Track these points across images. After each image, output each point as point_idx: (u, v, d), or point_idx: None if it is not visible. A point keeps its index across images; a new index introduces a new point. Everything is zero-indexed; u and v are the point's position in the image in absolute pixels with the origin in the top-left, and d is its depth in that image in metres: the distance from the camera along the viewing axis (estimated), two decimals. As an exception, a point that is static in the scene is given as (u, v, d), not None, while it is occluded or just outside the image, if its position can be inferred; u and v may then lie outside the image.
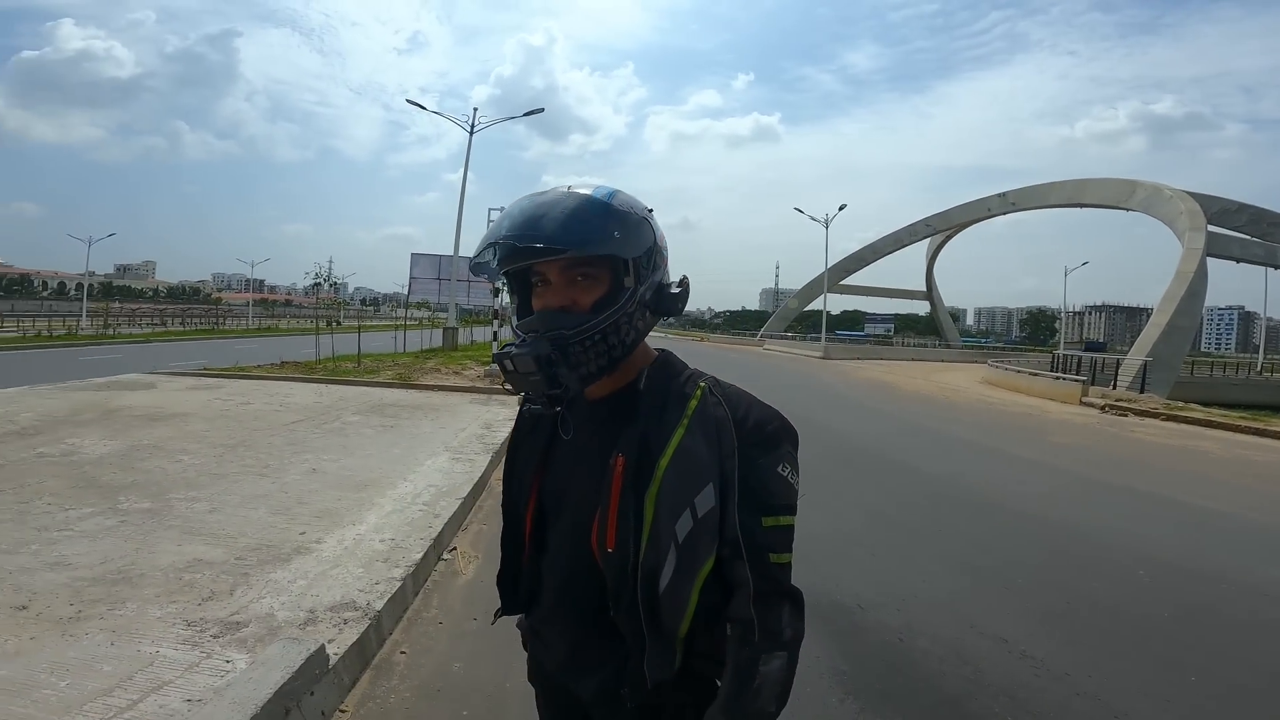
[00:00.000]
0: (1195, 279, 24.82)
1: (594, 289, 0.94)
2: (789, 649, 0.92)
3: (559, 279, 0.93)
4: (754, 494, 0.92)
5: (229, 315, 57.23)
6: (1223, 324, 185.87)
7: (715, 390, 0.95)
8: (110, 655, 2.52)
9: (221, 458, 5.99)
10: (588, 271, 0.93)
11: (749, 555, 0.91)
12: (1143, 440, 11.12)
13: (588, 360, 0.91)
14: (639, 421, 0.93)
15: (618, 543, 0.89)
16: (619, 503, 0.89)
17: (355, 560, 3.62)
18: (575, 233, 0.89)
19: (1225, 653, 3.27)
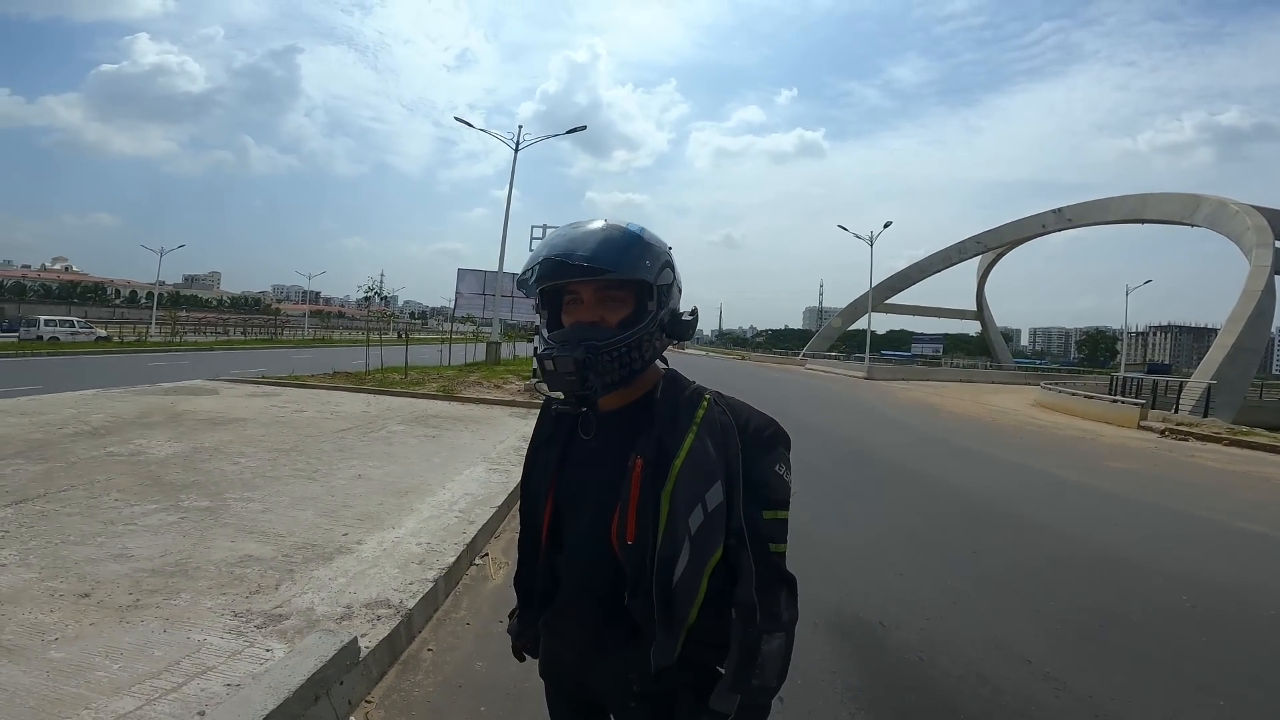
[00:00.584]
0: (1263, 298, 23.60)
1: (620, 309, 1.08)
2: (786, 629, 1.05)
3: (591, 297, 1.07)
4: (755, 490, 1.05)
5: (286, 325, 59.63)
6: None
7: (719, 401, 1.09)
8: (162, 641, 2.72)
9: (275, 461, 6.31)
10: (616, 294, 1.08)
11: (751, 545, 1.03)
12: (1203, 465, 10.62)
13: (612, 370, 1.04)
14: (655, 427, 1.05)
15: (637, 535, 1.00)
16: (639, 499, 1.01)
17: (392, 561, 3.80)
18: (614, 257, 1.04)
19: (1263, 679, 3.15)
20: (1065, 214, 42.20)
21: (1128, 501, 7.37)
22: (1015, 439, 12.87)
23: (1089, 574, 4.68)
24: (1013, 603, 4.04)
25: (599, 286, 1.07)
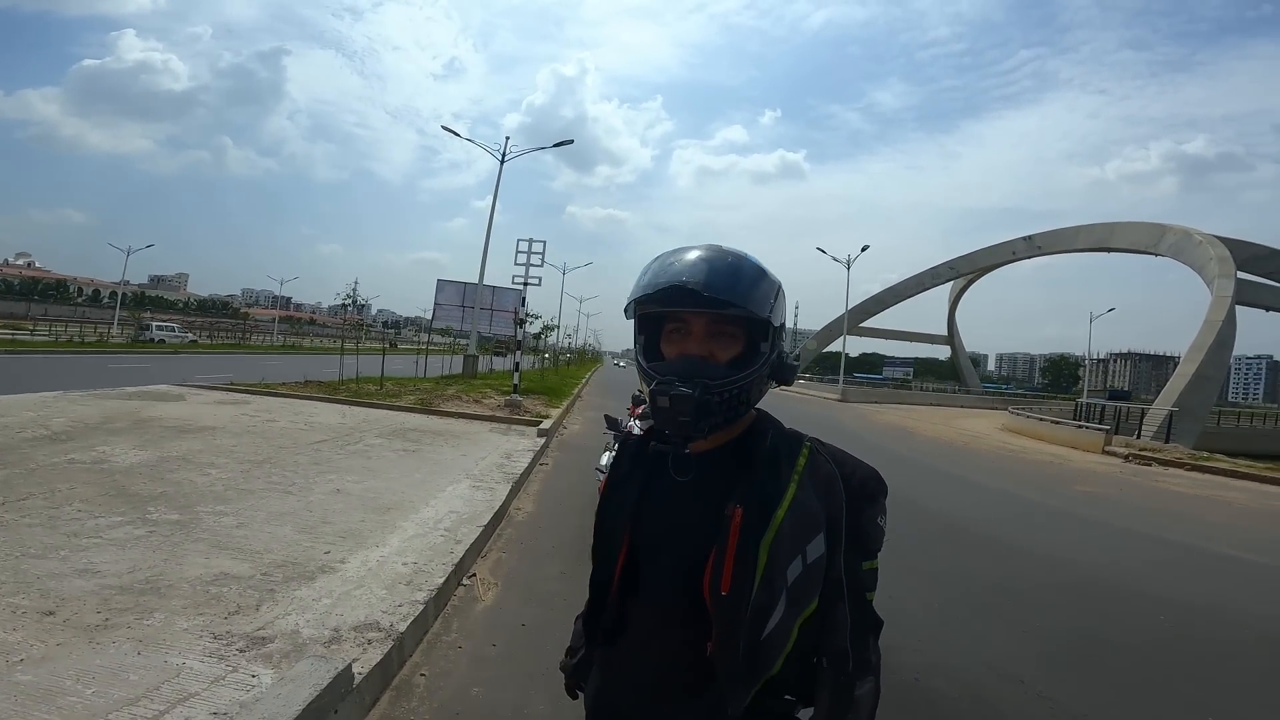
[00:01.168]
0: (1224, 328, 24.45)
1: (732, 346, 1.02)
2: (876, 673, 1.04)
3: (702, 330, 1.01)
4: (857, 541, 1.02)
5: (255, 330, 58.33)
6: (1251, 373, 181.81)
7: (820, 449, 1.03)
8: (137, 665, 2.56)
9: (248, 473, 6.10)
10: (730, 329, 1.01)
11: (850, 594, 1.01)
12: (1167, 489, 10.89)
13: (719, 412, 0.98)
14: (754, 474, 0.99)
15: (733, 586, 0.94)
16: (737, 549, 0.94)
17: (378, 582, 3.67)
18: (745, 290, 0.98)
19: (1248, 696, 3.23)
20: (1035, 241, 43.37)
21: (1100, 525, 7.51)
22: (988, 463, 13.08)
23: (1070, 596, 4.74)
24: (1001, 624, 4.06)
25: (713, 320, 1.01)
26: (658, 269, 1.01)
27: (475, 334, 22.86)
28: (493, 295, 23.63)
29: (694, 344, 1.01)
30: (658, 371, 1.01)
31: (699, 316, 1.00)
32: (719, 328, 1.01)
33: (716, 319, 1.00)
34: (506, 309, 22.84)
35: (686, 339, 1.02)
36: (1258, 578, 5.59)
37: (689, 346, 1.01)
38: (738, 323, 1.01)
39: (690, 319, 1.01)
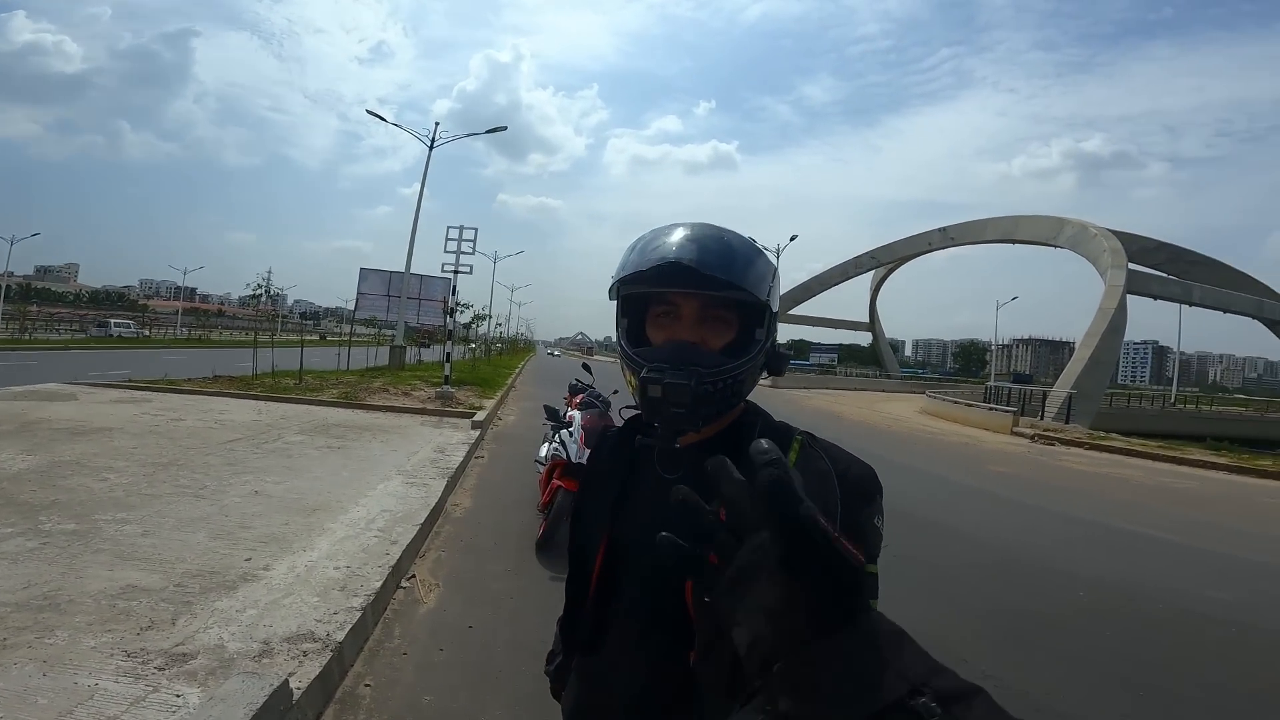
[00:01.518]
0: (1116, 315, 26.42)
1: (725, 332, 0.94)
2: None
3: (694, 314, 0.92)
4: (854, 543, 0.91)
5: (156, 324, 54.32)
6: (1138, 358, 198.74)
7: (813, 444, 0.95)
8: (44, 688, 2.30)
9: (152, 477, 5.63)
10: (724, 314, 0.93)
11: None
12: (1072, 469, 11.68)
13: (711, 403, 0.90)
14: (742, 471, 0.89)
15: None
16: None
17: (309, 589, 3.43)
18: (743, 270, 0.90)
19: (1170, 669, 3.43)
20: (949, 233, 45.58)
21: (1016, 505, 7.97)
22: (911, 445, 13.68)
23: (998, 574, 4.97)
24: (940, 604, 4.21)
25: (706, 303, 0.92)
26: (648, 245, 0.92)
27: (402, 324, 22.02)
28: (420, 284, 22.80)
29: (684, 329, 0.92)
30: (644, 358, 0.91)
31: (691, 299, 0.92)
32: (712, 311, 0.93)
33: (709, 302, 0.92)
34: (435, 298, 22.11)
35: (676, 323, 0.93)
36: (1160, 552, 6.02)
37: (679, 331, 0.92)
38: (731, 306, 0.93)
39: (681, 301, 0.92)
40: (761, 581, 0.42)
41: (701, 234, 0.91)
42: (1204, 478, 11.42)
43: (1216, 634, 3.98)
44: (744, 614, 0.43)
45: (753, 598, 0.42)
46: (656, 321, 0.95)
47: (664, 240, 0.91)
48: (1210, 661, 3.60)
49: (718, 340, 0.93)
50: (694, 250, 0.88)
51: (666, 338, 0.93)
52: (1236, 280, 35.46)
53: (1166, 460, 13.16)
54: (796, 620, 0.40)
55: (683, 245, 0.89)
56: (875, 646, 0.37)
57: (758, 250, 0.94)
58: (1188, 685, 3.26)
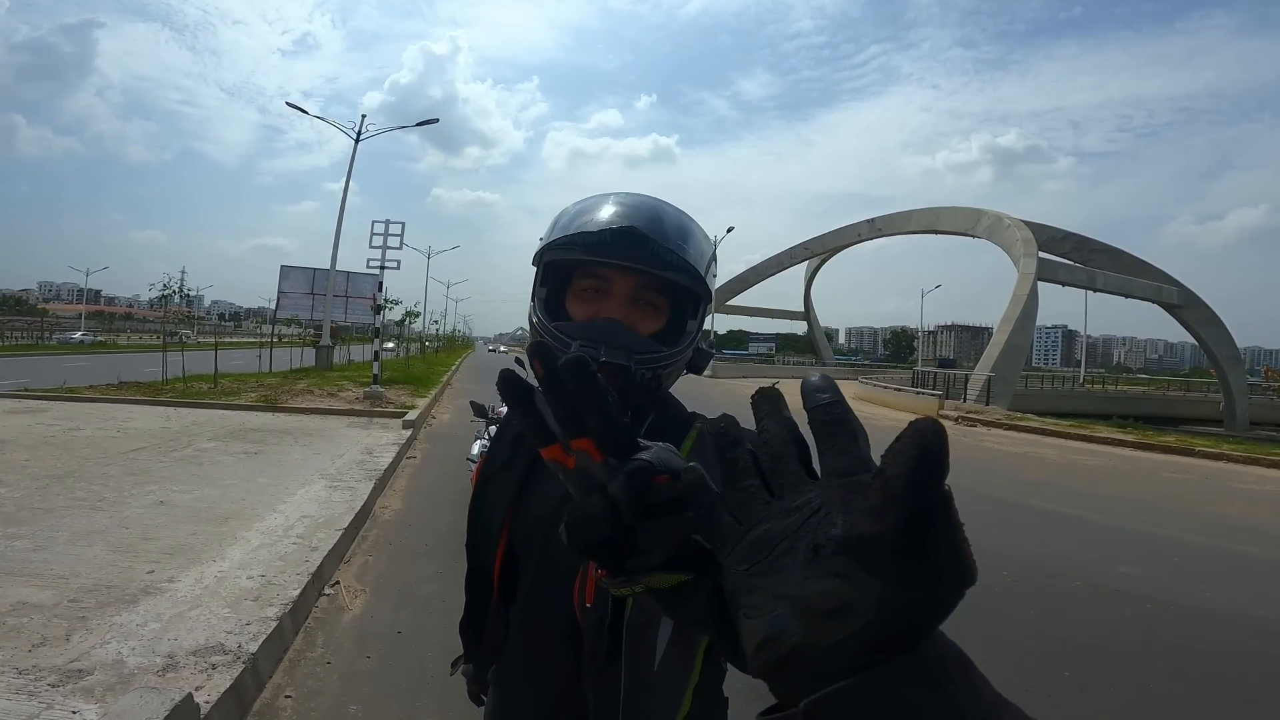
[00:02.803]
0: (1028, 301, 27.92)
1: (654, 318, 0.85)
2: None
3: (625, 293, 0.83)
4: None
5: (57, 328, 50.39)
6: (1049, 341, 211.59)
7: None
8: (-78, 714, 2.06)
9: (46, 490, 5.20)
10: (656, 297, 0.85)
11: None
12: (993, 449, 12.28)
13: (641, 392, 0.82)
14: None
15: (597, 598, 0.76)
16: None
17: (218, 600, 3.21)
18: (695, 250, 0.82)
19: (1088, 646, 3.56)
20: (876, 224, 47.11)
21: (944, 483, 8.29)
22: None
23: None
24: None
25: (641, 282, 0.82)
26: (590, 210, 0.83)
27: (328, 323, 21.15)
28: (348, 281, 21.96)
29: (613, 307, 0.83)
30: (569, 333, 0.80)
31: (626, 276, 0.82)
32: (645, 293, 0.84)
33: (645, 282, 0.83)
34: (364, 295, 21.33)
35: (603, 300, 0.83)
36: (1073, 529, 6.33)
37: (607, 309, 0.83)
38: (665, 290, 0.84)
39: (614, 277, 0.83)
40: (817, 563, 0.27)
41: (651, 205, 0.83)
42: (1112, 454, 12.17)
43: (1129, 609, 4.18)
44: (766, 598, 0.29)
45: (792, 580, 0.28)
46: (581, 296, 0.85)
47: (609, 207, 0.82)
48: (1128, 636, 3.76)
49: (647, 325, 0.84)
50: (647, 220, 0.80)
51: (591, 315, 0.83)
52: (1136, 267, 38.05)
53: (1078, 439, 14.01)
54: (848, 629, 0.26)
55: (634, 213, 0.81)
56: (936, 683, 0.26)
57: (705, 236, 0.87)
58: (1110, 664, 3.38)
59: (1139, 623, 3.98)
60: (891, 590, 0.25)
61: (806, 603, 0.27)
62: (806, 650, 0.26)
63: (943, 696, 0.25)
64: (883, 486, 0.26)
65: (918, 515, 0.25)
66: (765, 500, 0.32)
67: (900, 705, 0.25)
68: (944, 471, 0.26)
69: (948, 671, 0.26)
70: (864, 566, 0.26)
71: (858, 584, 0.26)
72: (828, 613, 0.26)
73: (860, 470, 0.30)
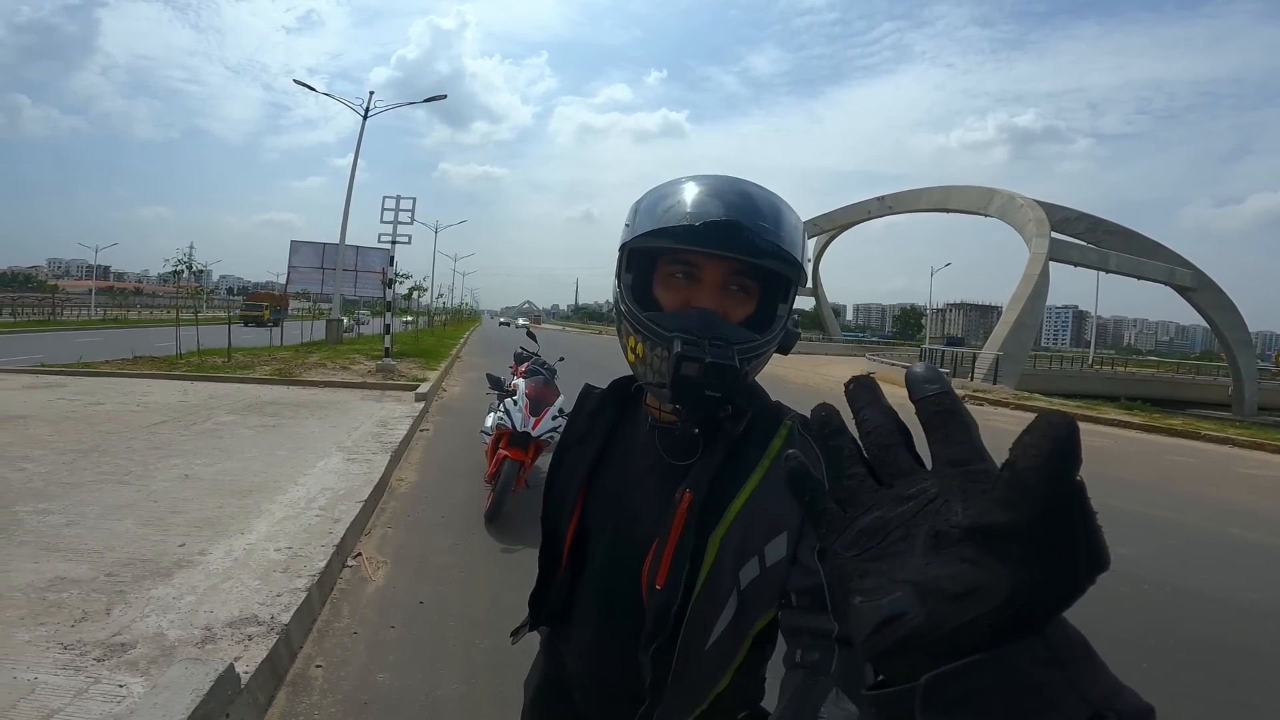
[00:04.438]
0: (1039, 281, 27.75)
1: (745, 304, 0.84)
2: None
3: (717, 280, 0.81)
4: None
5: (68, 305, 50.78)
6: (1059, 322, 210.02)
7: (804, 430, 0.83)
8: (-20, 684, 2.20)
9: (73, 464, 5.34)
10: (748, 282, 0.83)
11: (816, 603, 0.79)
12: (999, 428, 12.31)
13: (743, 385, 0.82)
14: (715, 454, 0.83)
15: (668, 582, 0.80)
16: (679, 540, 0.80)
17: (249, 572, 3.35)
18: (791, 236, 0.80)
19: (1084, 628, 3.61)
20: (887, 201, 46.62)
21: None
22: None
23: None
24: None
25: (733, 269, 0.81)
26: (683, 196, 0.80)
27: (338, 297, 21.27)
28: (357, 255, 22.02)
29: (705, 295, 0.81)
30: (666, 326, 0.78)
31: (718, 262, 0.80)
32: (736, 279, 0.82)
33: (736, 268, 0.81)
34: (373, 269, 21.39)
35: (694, 287, 0.82)
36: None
37: (699, 297, 0.81)
38: (755, 275, 0.82)
39: (705, 264, 0.80)
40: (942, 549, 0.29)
41: (743, 190, 0.80)
42: (1118, 436, 12.19)
43: (1126, 589, 4.25)
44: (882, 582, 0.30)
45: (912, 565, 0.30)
46: (669, 283, 0.83)
47: (702, 194, 0.79)
48: (1124, 617, 3.84)
49: (739, 311, 0.83)
50: (744, 208, 0.77)
51: (681, 303, 0.82)
52: (1150, 249, 37.63)
53: (1084, 420, 14.01)
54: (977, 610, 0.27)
55: (731, 201, 0.78)
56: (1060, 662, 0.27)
57: (791, 210, 0.83)
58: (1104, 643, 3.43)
59: (1135, 603, 4.07)
60: (1025, 574, 0.27)
61: (932, 586, 0.28)
62: (931, 631, 0.28)
63: (1066, 675, 0.27)
64: (1015, 479, 0.27)
65: (1055, 506, 0.27)
66: (873, 488, 0.34)
67: (1025, 681, 0.26)
68: (1079, 463, 0.27)
69: (1072, 652, 0.28)
70: (995, 552, 0.27)
71: (987, 569, 0.27)
72: (955, 595, 0.28)
73: (976, 460, 0.31)
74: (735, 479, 0.81)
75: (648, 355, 0.80)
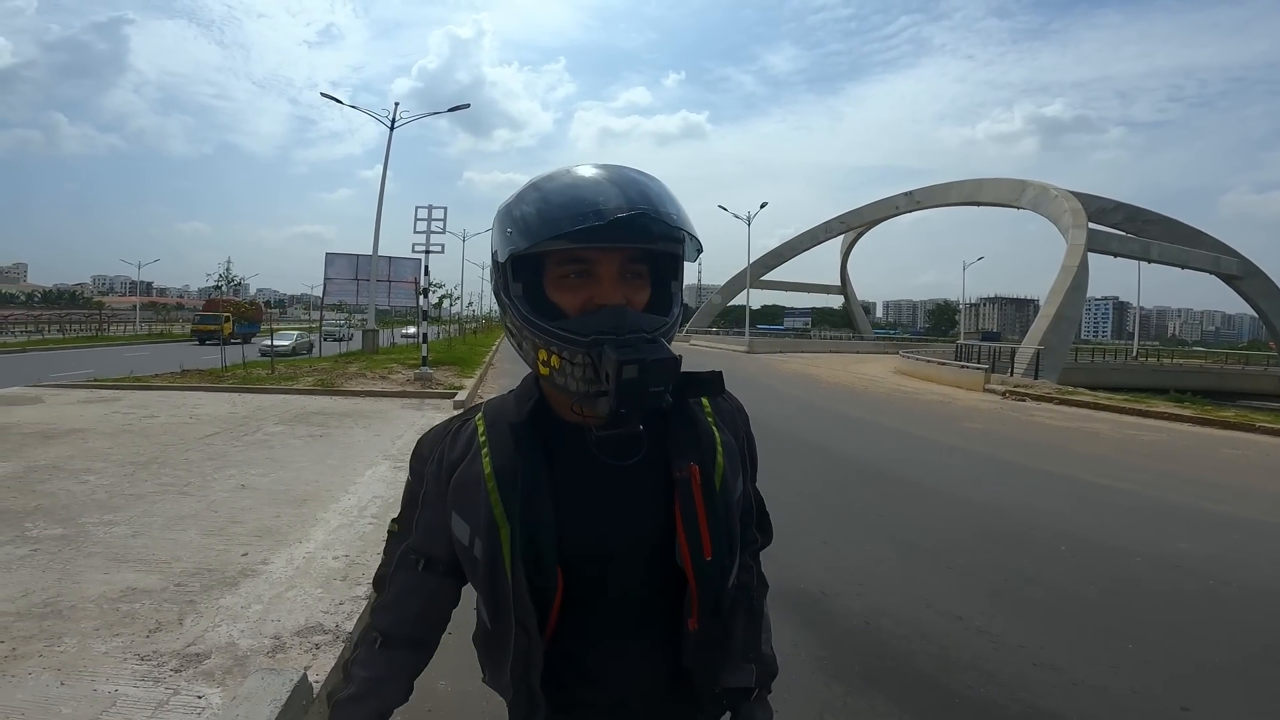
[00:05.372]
0: (1079, 273, 27.03)
1: (643, 289, 0.83)
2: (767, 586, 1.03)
3: (614, 272, 0.79)
4: (755, 464, 1.01)
5: (114, 320, 52.64)
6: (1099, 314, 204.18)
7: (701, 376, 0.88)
8: (65, 696, 2.28)
9: (133, 476, 5.53)
10: (640, 268, 0.82)
11: (759, 518, 1.02)
12: (1044, 424, 12.03)
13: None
14: (688, 427, 0.87)
15: (715, 550, 0.83)
16: (706, 509, 0.82)
17: (311, 580, 3.43)
18: (684, 214, 0.80)
19: (1150, 620, 3.56)
20: (915, 196, 45.98)
21: (991, 461, 8.20)
22: (887, 405, 13.95)
23: (981, 531, 5.12)
24: (927, 563, 4.34)
25: (626, 258, 0.79)
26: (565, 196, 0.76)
27: (373, 307, 21.68)
28: (390, 266, 22.42)
29: (608, 290, 0.78)
30: (579, 331, 0.75)
31: (612, 255, 0.78)
32: (631, 267, 0.80)
33: (628, 257, 0.80)
34: (405, 279, 21.76)
35: (593, 285, 0.79)
36: (1131, 506, 6.19)
37: (603, 294, 0.78)
38: (645, 259, 0.82)
39: (600, 259, 0.78)
40: None
41: (631, 176, 0.79)
42: (1169, 430, 11.80)
43: (1190, 584, 4.13)
44: None
45: None
46: (562, 284, 0.80)
47: (594, 188, 0.76)
48: (1190, 611, 3.73)
49: (639, 298, 0.82)
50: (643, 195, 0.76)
51: (583, 302, 0.79)
52: (1192, 237, 36.45)
53: (1133, 414, 13.58)
54: None
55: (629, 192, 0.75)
56: None
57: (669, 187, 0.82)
58: (1173, 637, 3.36)
59: (1201, 598, 3.95)
60: None
61: None
62: None
63: None
64: None
65: None
66: None
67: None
68: None
69: None
70: None
71: None
72: None
73: None
74: (708, 440, 0.88)
75: (566, 366, 0.76)
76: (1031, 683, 2.81)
